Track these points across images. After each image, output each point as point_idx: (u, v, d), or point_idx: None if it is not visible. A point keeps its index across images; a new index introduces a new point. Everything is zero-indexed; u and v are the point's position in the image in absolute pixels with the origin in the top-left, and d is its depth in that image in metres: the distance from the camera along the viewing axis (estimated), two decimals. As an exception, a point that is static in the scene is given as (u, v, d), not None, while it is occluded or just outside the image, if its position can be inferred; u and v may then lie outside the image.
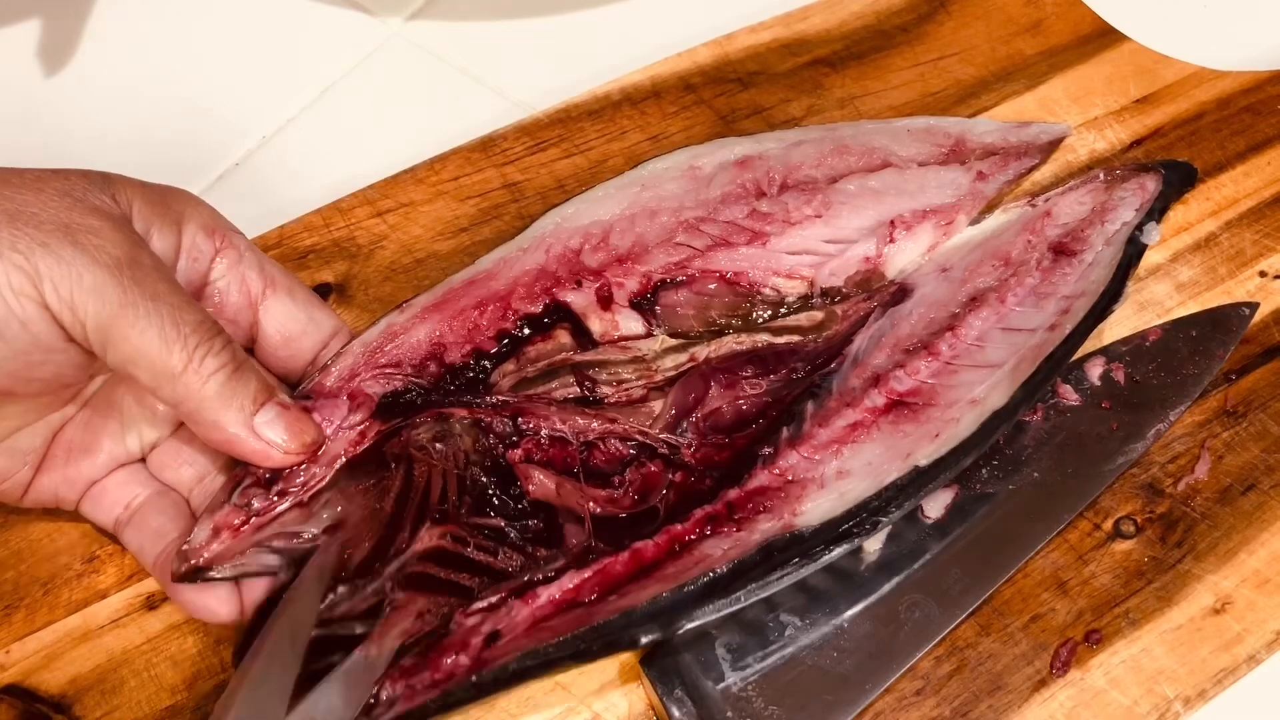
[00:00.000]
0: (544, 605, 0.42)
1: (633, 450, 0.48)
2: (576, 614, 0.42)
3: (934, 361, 0.49)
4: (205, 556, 0.42)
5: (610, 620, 0.41)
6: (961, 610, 0.46)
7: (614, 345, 0.50)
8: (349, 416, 0.45)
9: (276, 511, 0.43)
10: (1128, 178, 0.56)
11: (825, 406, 0.48)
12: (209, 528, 0.42)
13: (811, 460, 0.46)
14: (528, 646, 0.40)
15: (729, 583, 0.42)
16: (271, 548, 0.43)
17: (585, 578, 0.43)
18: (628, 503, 0.46)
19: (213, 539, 0.42)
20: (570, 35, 0.68)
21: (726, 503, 0.45)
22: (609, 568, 0.43)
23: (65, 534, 0.47)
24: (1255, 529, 0.49)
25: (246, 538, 0.42)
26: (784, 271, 0.53)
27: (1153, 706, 0.45)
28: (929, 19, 0.66)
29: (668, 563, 0.43)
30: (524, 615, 0.42)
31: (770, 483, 0.46)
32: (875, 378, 0.49)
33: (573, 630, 0.41)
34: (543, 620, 0.42)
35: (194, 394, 0.40)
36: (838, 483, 0.45)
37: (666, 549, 0.44)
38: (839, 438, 0.47)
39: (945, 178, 0.56)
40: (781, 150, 0.56)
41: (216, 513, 0.43)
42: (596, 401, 0.49)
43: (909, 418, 0.47)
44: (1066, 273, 0.52)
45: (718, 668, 0.44)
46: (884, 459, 0.46)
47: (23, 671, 0.44)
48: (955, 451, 0.46)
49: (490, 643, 0.41)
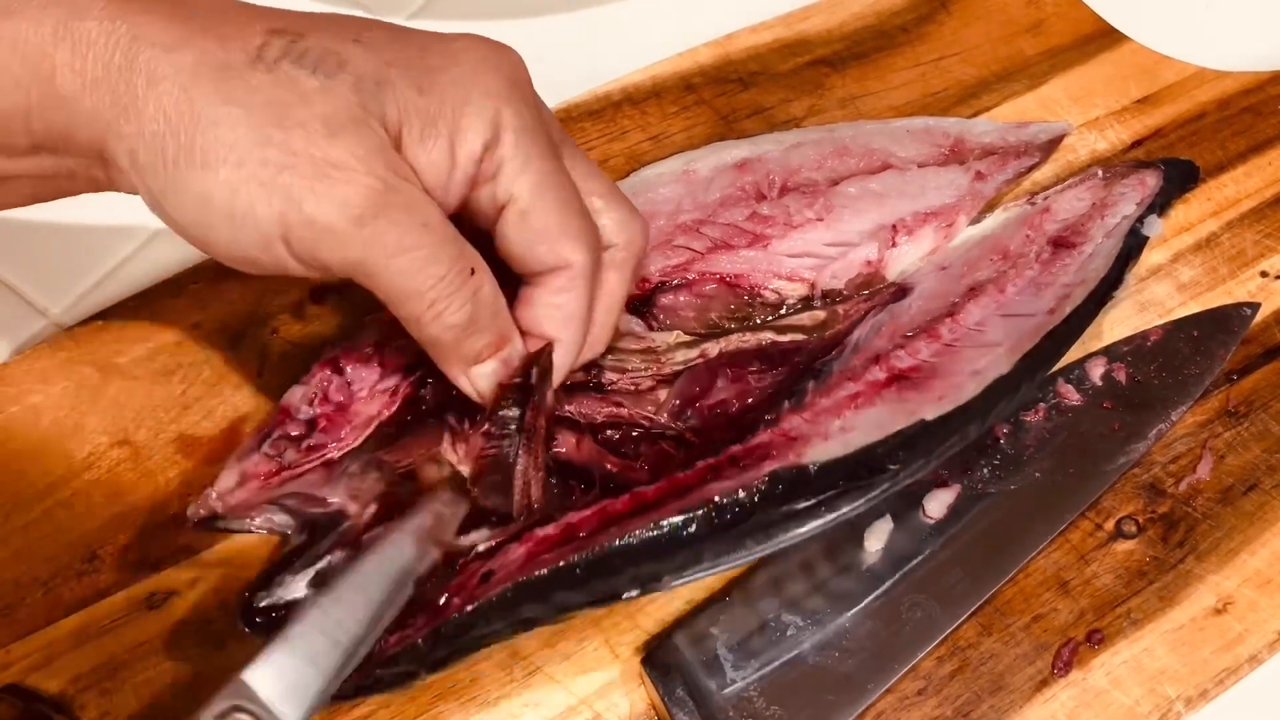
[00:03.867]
0: (539, 543, 0.42)
1: (637, 435, 0.48)
2: (573, 546, 0.42)
3: (934, 343, 0.49)
4: (228, 504, 0.42)
5: (607, 548, 0.41)
6: (963, 610, 0.46)
7: (628, 335, 0.50)
8: (382, 379, 0.45)
9: (305, 467, 0.42)
10: (1127, 174, 0.56)
11: (827, 383, 0.48)
12: (236, 474, 0.42)
13: (815, 423, 0.46)
14: (519, 578, 0.41)
15: (732, 517, 0.42)
16: (286, 506, 0.42)
17: (584, 515, 0.43)
18: (643, 475, 0.46)
19: (238, 487, 0.42)
20: (570, 35, 0.68)
21: (730, 455, 0.45)
22: (608, 506, 0.43)
23: (65, 534, 0.47)
24: (1257, 529, 0.49)
25: (268, 491, 0.42)
26: (785, 274, 0.53)
27: (1154, 706, 0.45)
28: (930, 19, 0.66)
29: (670, 501, 0.43)
30: (518, 554, 0.42)
31: (773, 439, 0.45)
32: (876, 357, 0.49)
33: (566, 561, 0.41)
34: (537, 555, 0.42)
35: (428, 336, 0.41)
36: (843, 435, 0.45)
37: (668, 490, 0.44)
38: (842, 404, 0.47)
39: (945, 178, 0.56)
40: (781, 153, 0.56)
41: (245, 460, 0.42)
42: (599, 388, 0.49)
43: (911, 388, 0.47)
44: (1066, 264, 0.52)
45: (719, 667, 0.44)
46: (889, 419, 0.46)
47: (23, 671, 0.44)
48: (961, 412, 0.45)
49: (484, 580, 0.41)
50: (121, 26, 0.37)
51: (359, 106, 0.37)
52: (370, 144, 0.37)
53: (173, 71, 0.37)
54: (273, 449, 0.43)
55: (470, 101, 0.39)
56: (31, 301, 0.55)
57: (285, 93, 0.37)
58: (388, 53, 0.39)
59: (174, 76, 0.37)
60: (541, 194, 0.41)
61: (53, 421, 0.49)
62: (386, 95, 0.38)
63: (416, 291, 0.39)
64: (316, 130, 0.37)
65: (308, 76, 0.37)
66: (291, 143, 0.37)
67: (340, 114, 0.37)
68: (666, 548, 0.42)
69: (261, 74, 0.37)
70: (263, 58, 0.37)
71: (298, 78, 0.37)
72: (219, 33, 0.38)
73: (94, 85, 0.37)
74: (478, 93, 0.39)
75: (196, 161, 0.37)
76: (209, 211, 0.37)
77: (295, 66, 0.37)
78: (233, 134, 0.36)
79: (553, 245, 0.41)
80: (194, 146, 0.36)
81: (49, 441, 0.49)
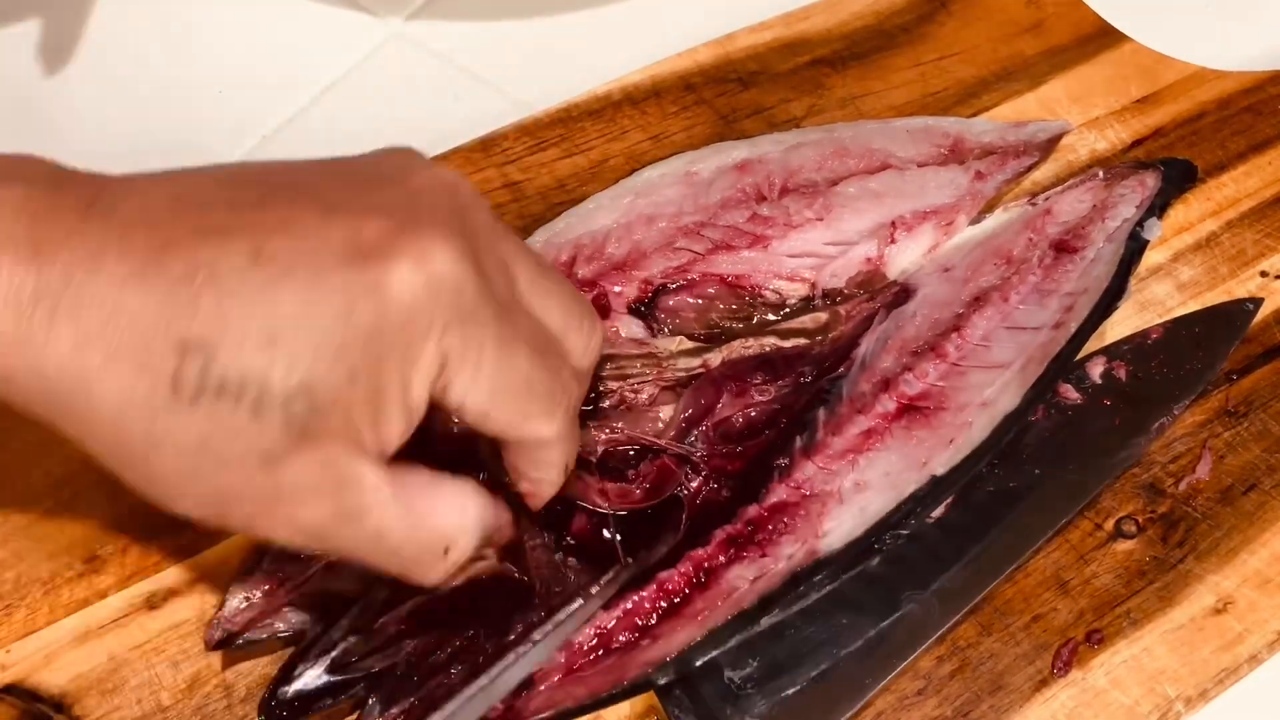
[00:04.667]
0: (574, 654, 0.43)
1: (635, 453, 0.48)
2: (609, 663, 0.43)
3: (942, 364, 0.49)
4: (239, 624, 0.42)
5: (642, 669, 0.42)
6: (962, 609, 0.46)
7: (630, 340, 0.50)
8: None
9: (308, 574, 0.43)
10: (1127, 175, 0.56)
11: (837, 414, 0.48)
12: (241, 597, 0.43)
13: (828, 471, 0.46)
14: (562, 703, 0.42)
15: (756, 615, 0.43)
16: (300, 607, 0.43)
17: (615, 620, 0.43)
18: (639, 496, 0.46)
19: (246, 608, 0.42)
20: (570, 35, 0.68)
21: (747, 522, 0.45)
22: (637, 607, 0.44)
23: (65, 534, 0.47)
24: (1257, 529, 0.49)
25: (279, 600, 0.43)
26: (785, 274, 0.53)
27: (1154, 706, 0.45)
28: (930, 19, 0.66)
29: (695, 596, 0.44)
30: (558, 664, 0.43)
31: (789, 497, 0.46)
32: (885, 382, 0.49)
33: (607, 686, 0.42)
34: (575, 671, 0.43)
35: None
36: (857, 497, 0.46)
37: (691, 579, 0.44)
38: (853, 446, 0.47)
39: (944, 178, 0.56)
40: (780, 153, 0.56)
41: (247, 581, 0.43)
42: (596, 408, 0.49)
43: (922, 423, 0.48)
44: (1068, 269, 0.52)
45: (717, 666, 0.44)
46: (901, 468, 0.46)
47: (23, 671, 0.44)
48: (970, 458, 0.46)
49: (524, 688, 0.42)
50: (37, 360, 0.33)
51: (293, 435, 0.34)
52: (312, 465, 0.35)
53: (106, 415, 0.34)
54: (272, 565, 0.43)
55: (413, 351, 0.35)
56: (32, 301, 0.55)
57: (216, 433, 0.34)
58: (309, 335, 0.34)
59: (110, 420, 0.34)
60: (495, 396, 0.37)
61: (53, 421, 0.49)
62: (321, 410, 0.35)
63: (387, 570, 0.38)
64: (255, 466, 0.35)
65: (231, 411, 0.34)
66: (236, 486, 0.35)
67: (275, 447, 0.35)
68: (694, 649, 0.43)
69: (185, 409, 0.34)
70: (179, 391, 0.34)
71: (223, 414, 0.34)
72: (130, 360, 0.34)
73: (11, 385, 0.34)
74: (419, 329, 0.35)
75: (156, 494, 0.36)
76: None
77: (216, 401, 0.34)
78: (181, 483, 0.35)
79: (520, 430, 0.39)
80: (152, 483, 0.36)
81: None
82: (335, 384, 0.34)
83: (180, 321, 0.33)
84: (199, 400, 0.34)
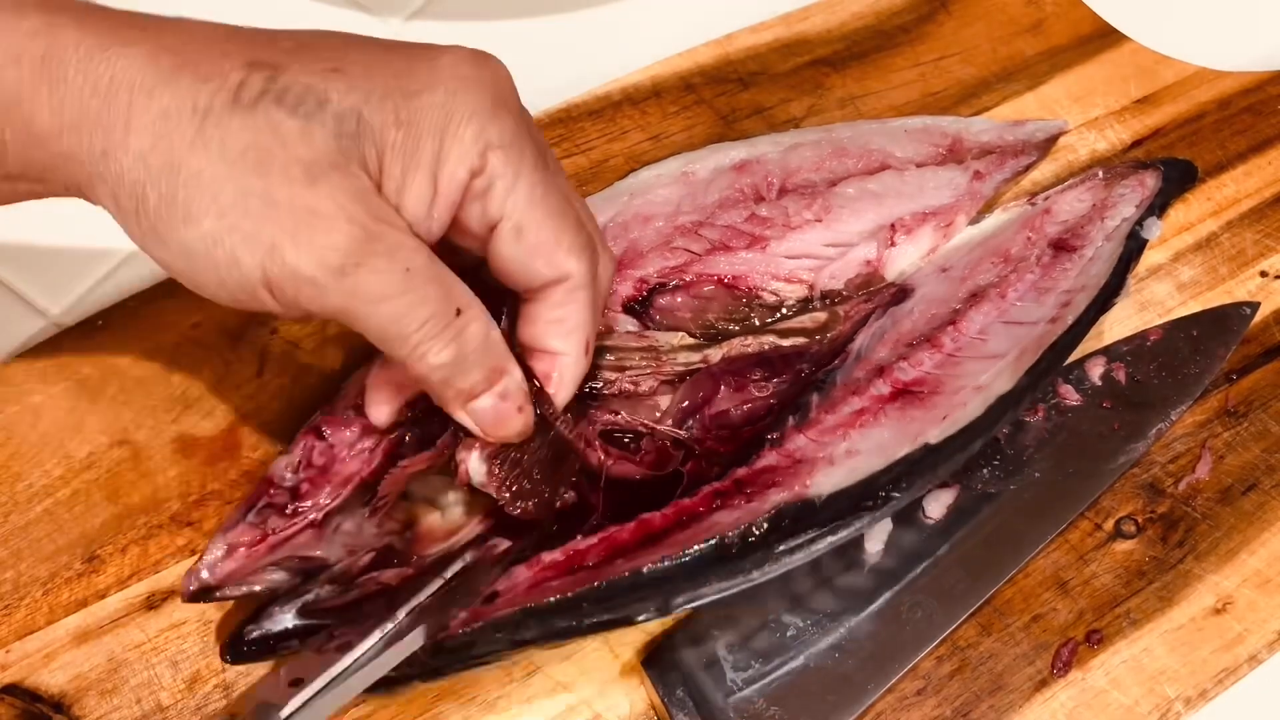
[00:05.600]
0: (545, 568, 0.42)
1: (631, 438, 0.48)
2: (579, 576, 0.42)
3: (937, 354, 0.49)
4: (218, 575, 0.42)
5: (613, 580, 0.41)
6: (963, 610, 0.46)
7: (630, 334, 0.50)
8: (361, 438, 0.45)
9: (290, 532, 0.43)
10: (1126, 175, 0.56)
11: (831, 396, 0.48)
12: (222, 547, 0.42)
13: (820, 443, 0.46)
14: (524, 604, 0.40)
15: (737, 550, 0.42)
16: (283, 567, 0.43)
17: (590, 544, 0.43)
18: (646, 463, 0.46)
19: (226, 558, 0.42)
20: (570, 35, 0.68)
21: (735, 479, 0.45)
22: (614, 535, 0.43)
23: (65, 534, 0.47)
24: (1256, 529, 0.49)
25: (259, 557, 0.42)
26: (783, 275, 0.53)
27: (1154, 706, 0.45)
28: (930, 19, 0.66)
29: (675, 531, 0.43)
30: (524, 577, 0.42)
31: (779, 462, 0.45)
32: (880, 369, 0.49)
33: (573, 587, 0.41)
34: (543, 582, 0.42)
35: (418, 376, 0.40)
36: (848, 460, 0.45)
37: (674, 519, 0.43)
38: (846, 422, 0.46)
39: (943, 178, 0.56)
40: (779, 154, 0.56)
41: (230, 531, 0.43)
42: (593, 395, 0.49)
43: (915, 404, 0.47)
44: (1066, 268, 0.52)
45: (720, 668, 0.44)
46: (894, 441, 0.45)
47: (22, 671, 0.44)
48: (964, 432, 0.45)
49: (488, 601, 0.41)
50: (99, 67, 0.36)
51: (339, 151, 0.37)
52: (351, 189, 0.37)
53: (151, 118, 0.36)
54: (257, 518, 0.43)
55: (453, 125, 0.39)
56: (31, 301, 0.55)
57: (265, 136, 0.36)
58: (368, 81, 0.38)
59: (152, 124, 0.36)
60: (535, 208, 0.40)
61: (52, 421, 0.49)
62: (366, 136, 0.38)
63: (400, 336, 0.38)
64: (297, 177, 0.36)
65: (287, 118, 0.37)
66: (272, 191, 0.36)
67: (320, 159, 0.37)
68: (671, 580, 0.42)
69: (241, 116, 0.36)
70: (240, 98, 0.37)
71: (278, 120, 0.37)
72: (197, 70, 0.37)
73: (72, 128, 0.36)
74: (462, 114, 0.39)
75: (179, 215, 0.36)
76: (192, 260, 0.37)
77: (275, 106, 0.37)
78: (214, 185, 0.36)
79: (550, 258, 0.41)
80: (175, 198, 0.36)
81: (49, 441, 0.49)
82: (382, 121, 0.38)
83: (255, 49, 0.38)
84: (258, 105, 0.36)
